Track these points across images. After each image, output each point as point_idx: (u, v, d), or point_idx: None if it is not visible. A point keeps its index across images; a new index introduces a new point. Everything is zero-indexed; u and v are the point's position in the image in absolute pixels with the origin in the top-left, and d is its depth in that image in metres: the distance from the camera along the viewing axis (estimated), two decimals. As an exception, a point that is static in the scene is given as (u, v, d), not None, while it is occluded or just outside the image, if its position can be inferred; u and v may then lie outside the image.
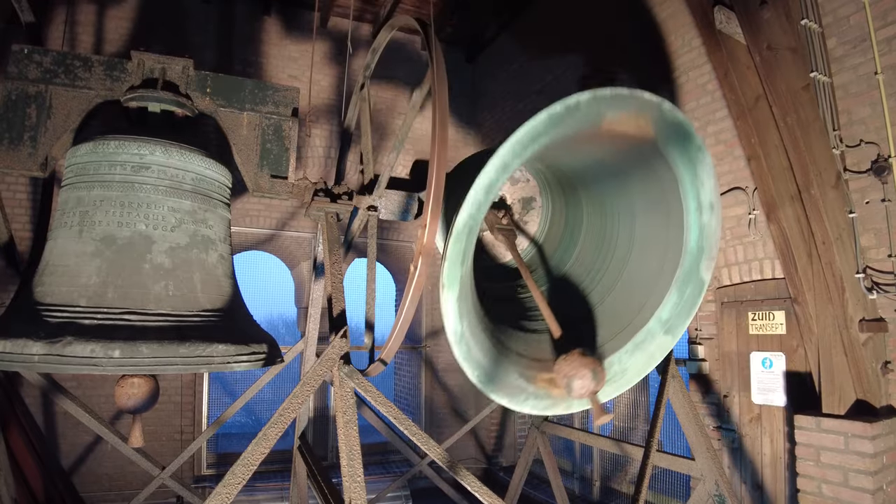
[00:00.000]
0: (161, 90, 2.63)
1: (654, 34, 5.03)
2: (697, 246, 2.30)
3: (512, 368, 2.32)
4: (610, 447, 4.19)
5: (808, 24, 3.59)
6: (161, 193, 2.44)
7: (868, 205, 3.48)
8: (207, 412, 6.65)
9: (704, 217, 2.25)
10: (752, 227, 4.15)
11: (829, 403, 3.48)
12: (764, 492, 4.04)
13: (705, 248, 2.30)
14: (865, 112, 3.50)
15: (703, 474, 3.20)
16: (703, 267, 2.32)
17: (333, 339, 2.35)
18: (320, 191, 2.84)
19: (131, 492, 5.60)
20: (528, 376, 2.33)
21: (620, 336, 2.48)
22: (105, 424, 3.55)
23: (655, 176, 2.29)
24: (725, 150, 4.37)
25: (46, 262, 2.36)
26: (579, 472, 6.58)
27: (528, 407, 2.32)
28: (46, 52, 2.59)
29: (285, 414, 2.24)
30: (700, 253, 2.31)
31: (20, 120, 2.52)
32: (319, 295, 3.87)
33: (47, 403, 5.70)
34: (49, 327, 2.08)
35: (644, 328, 2.43)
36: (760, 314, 4.15)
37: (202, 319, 2.37)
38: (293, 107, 2.90)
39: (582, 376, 2.01)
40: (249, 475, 2.12)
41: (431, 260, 2.10)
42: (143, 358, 2.08)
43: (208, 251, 2.55)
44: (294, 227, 7.14)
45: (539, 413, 2.43)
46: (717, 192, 2.22)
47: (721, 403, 4.38)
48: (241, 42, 6.90)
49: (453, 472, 2.21)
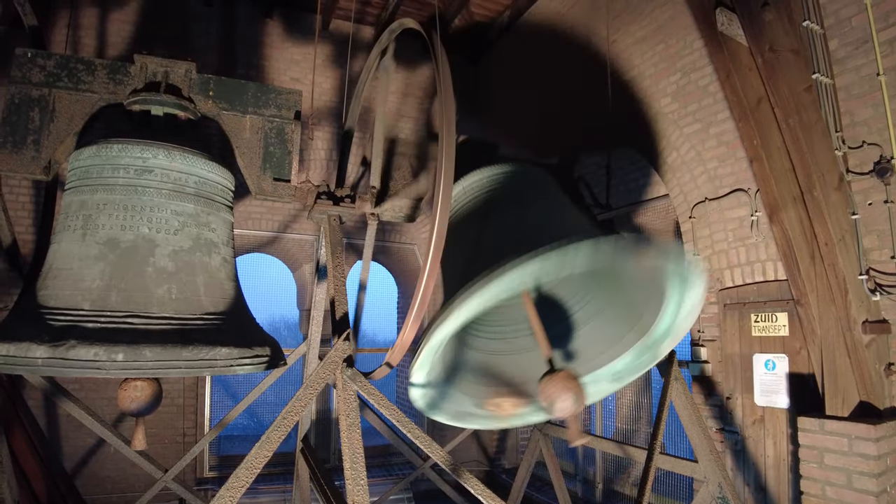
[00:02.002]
0: (164, 93, 2.64)
1: (655, 36, 5.03)
2: (664, 333, 2.37)
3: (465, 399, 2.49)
4: (613, 449, 4.18)
5: (809, 25, 3.59)
6: (164, 197, 2.44)
7: (871, 206, 3.48)
8: (210, 414, 6.65)
9: (680, 317, 2.28)
10: (755, 229, 4.14)
11: (833, 405, 3.47)
12: (767, 494, 4.03)
13: (670, 336, 2.37)
14: (868, 113, 3.49)
15: (706, 476, 3.20)
16: (664, 347, 2.41)
17: (336, 342, 2.35)
18: (323, 194, 2.84)
19: (134, 494, 5.60)
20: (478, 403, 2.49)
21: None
22: (108, 427, 3.55)
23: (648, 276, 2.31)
24: (727, 152, 4.37)
25: (50, 265, 2.36)
26: (582, 474, 6.57)
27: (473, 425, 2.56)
28: (50, 56, 2.60)
29: (288, 417, 2.25)
30: (664, 337, 2.38)
31: (23, 123, 2.53)
32: (322, 297, 3.87)
33: (50, 406, 5.70)
34: (53, 330, 2.08)
35: (595, 373, 2.54)
36: (763, 316, 4.15)
37: (205, 322, 2.37)
38: (296, 110, 2.91)
39: (564, 399, 2.04)
40: (253, 478, 2.13)
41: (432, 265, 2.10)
42: (147, 361, 2.09)
43: (211, 254, 2.55)
44: (296, 229, 7.15)
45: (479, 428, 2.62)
46: (701, 302, 2.22)
47: (724, 405, 4.37)
48: (242, 45, 6.91)
49: (456, 475, 2.21)
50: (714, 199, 4.47)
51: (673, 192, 4.89)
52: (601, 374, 2.53)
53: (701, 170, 4.59)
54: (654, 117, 5.03)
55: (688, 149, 4.69)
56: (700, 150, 4.59)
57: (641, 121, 5.15)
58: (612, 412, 6.96)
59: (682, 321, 2.28)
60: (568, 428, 2.13)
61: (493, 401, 2.38)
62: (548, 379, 2.10)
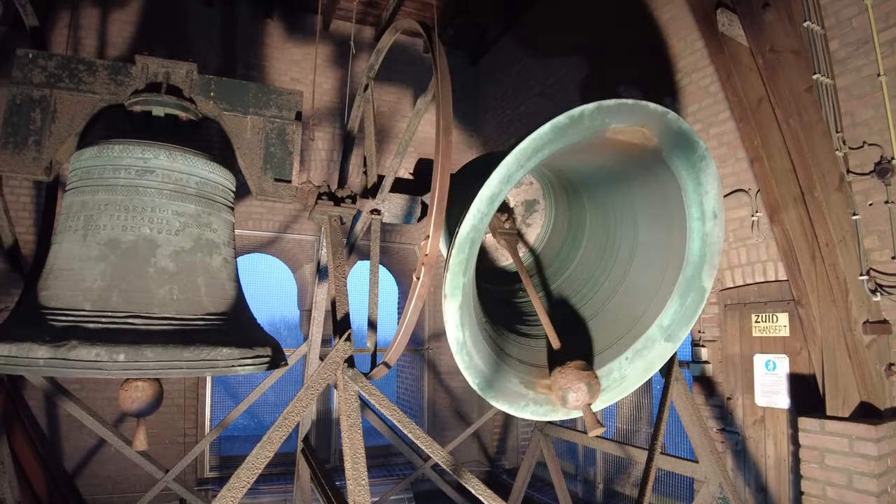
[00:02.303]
0: (165, 94, 2.64)
1: (656, 36, 5.03)
2: (700, 254, 2.29)
3: (512, 375, 2.33)
4: (613, 450, 4.18)
5: (810, 26, 3.59)
6: (165, 197, 2.44)
7: (871, 207, 3.48)
8: (210, 415, 6.65)
9: (707, 225, 2.24)
10: (755, 229, 4.14)
11: (833, 406, 3.47)
12: (768, 494, 4.03)
13: (707, 256, 2.29)
14: (868, 114, 3.49)
15: (706, 477, 3.20)
16: (705, 275, 2.32)
17: (337, 343, 2.35)
18: (324, 194, 2.84)
19: (134, 494, 5.61)
20: (528, 382, 2.34)
21: (620, 343, 2.49)
22: (108, 427, 3.55)
23: (659, 184, 2.29)
24: (728, 152, 4.37)
25: (51, 266, 2.36)
26: (583, 474, 6.57)
27: (528, 413, 2.34)
28: (51, 57, 2.60)
29: (290, 417, 2.25)
30: (702, 261, 2.30)
31: (25, 124, 2.53)
32: (323, 298, 3.87)
33: (50, 406, 5.71)
34: (54, 331, 2.08)
35: (644, 335, 2.43)
36: (764, 316, 4.15)
37: (206, 323, 2.37)
38: (296, 110, 2.91)
39: (577, 389, 2.03)
40: (254, 478, 2.13)
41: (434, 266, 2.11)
42: (148, 362, 2.09)
43: (212, 255, 2.55)
44: (296, 229, 7.15)
45: (539, 419, 2.44)
46: (720, 201, 2.21)
47: (724, 406, 4.38)
48: (243, 45, 6.91)
49: (457, 475, 2.21)
50: (714, 200, 4.47)
51: (673, 193, 4.89)
52: (652, 335, 2.41)
53: (701, 170, 4.58)
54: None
55: (688, 149, 4.69)
56: (700, 150, 4.59)
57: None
58: (612, 413, 6.95)
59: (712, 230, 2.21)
60: (585, 418, 2.11)
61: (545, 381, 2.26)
62: (559, 371, 2.10)
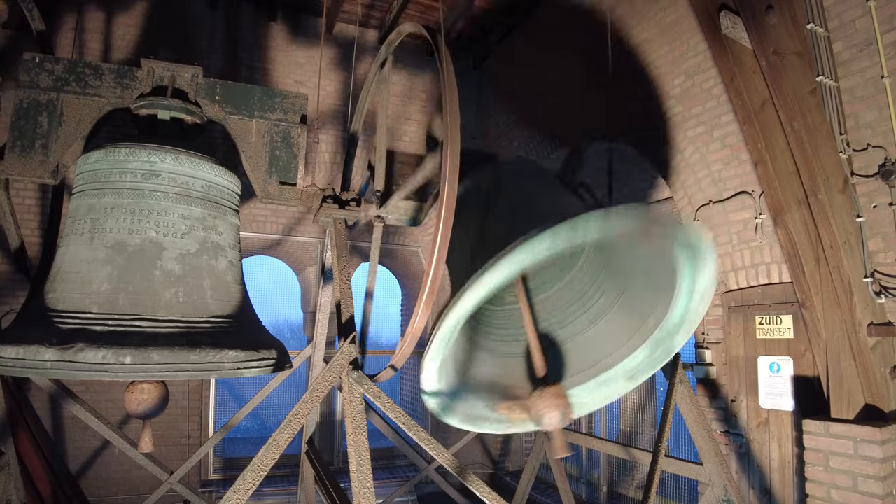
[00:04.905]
0: (171, 98, 2.65)
1: (659, 39, 5.04)
2: (678, 322, 2.35)
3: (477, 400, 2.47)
4: (617, 452, 4.17)
5: (814, 28, 3.59)
6: (171, 200, 2.46)
7: (876, 209, 3.47)
8: (214, 417, 6.67)
9: (694, 301, 2.27)
10: (759, 231, 4.14)
11: (838, 408, 3.47)
12: (772, 497, 4.02)
13: (685, 325, 2.35)
14: (872, 116, 3.49)
15: (711, 479, 3.19)
16: (678, 339, 2.39)
17: (342, 345, 2.36)
18: (329, 197, 2.85)
19: (139, 496, 5.62)
20: (491, 406, 2.48)
21: (585, 373, 2.57)
22: (113, 429, 3.56)
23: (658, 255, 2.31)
24: (731, 155, 4.37)
25: (58, 268, 2.38)
26: (586, 476, 6.56)
27: (485, 429, 2.50)
28: (57, 61, 2.62)
29: (295, 419, 2.25)
30: (678, 328, 2.36)
31: (32, 127, 2.54)
32: (327, 300, 3.88)
33: (55, 408, 5.73)
34: (61, 334, 2.10)
35: (609, 372, 2.52)
36: (768, 318, 4.14)
37: (212, 326, 2.38)
38: (301, 113, 2.92)
39: (551, 416, 2.17)
40: (260, 481, 2.13)
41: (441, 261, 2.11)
42: (154, 364, 2.10)
43: (218, 257, 2.56)
44: (301, 232, 7.17)
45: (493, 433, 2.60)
46: (714, 284, 2.22)
47: (729, 408, 4.37)
48: (247, 48, 6.94)
49: (461, 477, 2.21)
50: (718, 202, 4.47)
51: (677, 195, 4.89)
52: (616, 373, 2.50)
53: (705, 172, 4.59)
54: (658, 120, 5.03)
55: (692, 151, 4.69)
56: (704, 152, 4.59)
57: (645, 123, 5.15)
58: (616, 415, 6.95)
59: (696, 306, 2.26)
60: (553, 440, 2.26)
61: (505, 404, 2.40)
62: (538, 394, 2.20)
